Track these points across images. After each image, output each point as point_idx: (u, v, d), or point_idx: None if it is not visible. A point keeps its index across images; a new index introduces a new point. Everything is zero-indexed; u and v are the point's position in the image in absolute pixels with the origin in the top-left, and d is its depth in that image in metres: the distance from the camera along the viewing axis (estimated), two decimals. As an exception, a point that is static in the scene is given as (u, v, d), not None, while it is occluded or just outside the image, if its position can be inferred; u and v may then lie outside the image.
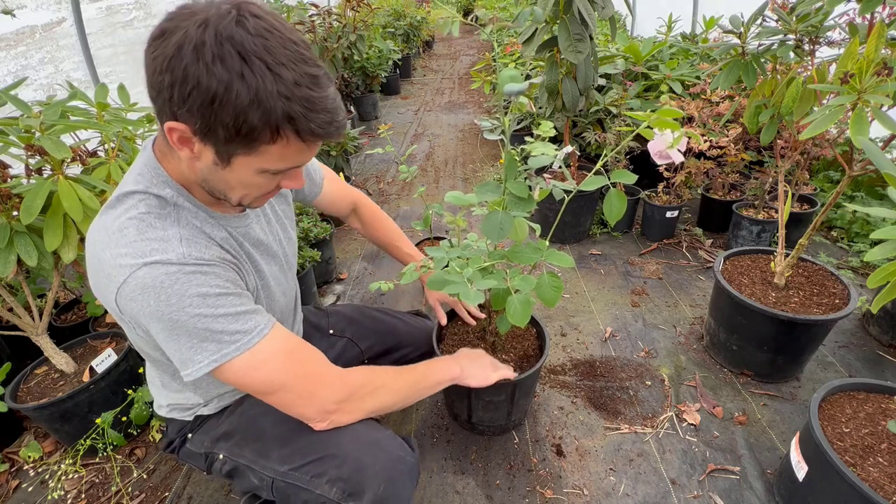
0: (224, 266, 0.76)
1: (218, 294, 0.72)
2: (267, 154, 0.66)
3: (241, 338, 0.74)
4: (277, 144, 0.65)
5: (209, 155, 0.67)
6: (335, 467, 0.85)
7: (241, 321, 0.74)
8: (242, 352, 0.74)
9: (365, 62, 4.41)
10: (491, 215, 0.97)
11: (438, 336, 1.39)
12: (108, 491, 1.32)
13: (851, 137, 0.90)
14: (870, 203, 2.33)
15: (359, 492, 0.84)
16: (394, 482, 0.86)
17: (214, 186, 0.74)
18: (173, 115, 0.62)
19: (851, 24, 1.21)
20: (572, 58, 1.84)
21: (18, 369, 1.44)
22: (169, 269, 0.68)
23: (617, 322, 1.87)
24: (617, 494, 1.25)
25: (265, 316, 0.79)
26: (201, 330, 0.71)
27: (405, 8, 6.64)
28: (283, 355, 0.78)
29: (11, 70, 1.92)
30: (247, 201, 0.78)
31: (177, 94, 0.60)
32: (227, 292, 0.73)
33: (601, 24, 3.74)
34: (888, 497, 0.94)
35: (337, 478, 0.85)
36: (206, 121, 0.61)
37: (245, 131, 0.62)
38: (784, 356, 1.49)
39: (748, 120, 1.44)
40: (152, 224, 0.71)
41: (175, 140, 0.65)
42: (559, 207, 1.13)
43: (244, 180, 0.71)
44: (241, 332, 0.74)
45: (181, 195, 0.77)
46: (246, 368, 0.75)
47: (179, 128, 0.63)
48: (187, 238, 0.73)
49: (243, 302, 0.76)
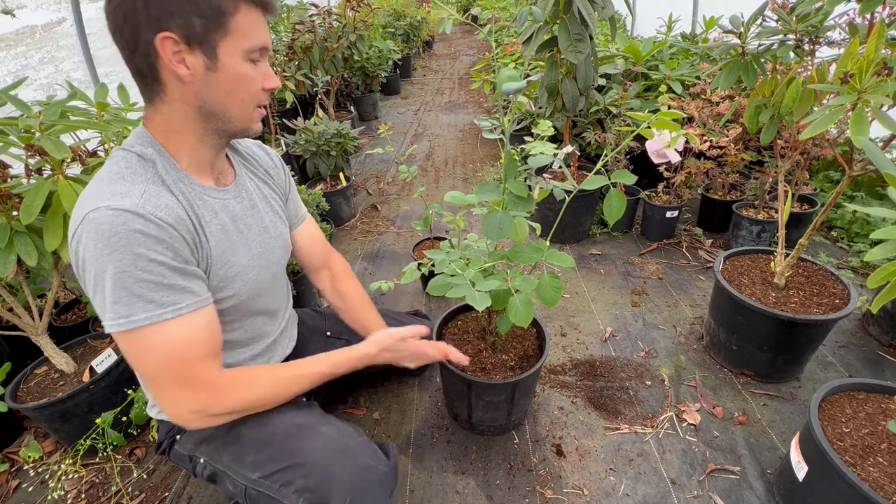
0: (175, 231, 0.76)
1: (150, 259, 0.72)
2: (237, 30, 0.74)
3: (153, 309, 0.73)
4: (239, 15, 0.74)
5: (200, 61, 0.73)
6: (302, 477, 0.85)
7: (162, 292, 0.73)
8: (149, 323, 0.73)
9: (365, 62, 4.41)
10: (491, 215, 0.97)
11: (438, 336, 1.39)
12: (108, 491, 1.32)
13: (851, 137, 0.90)
14: (870, 203, 2.33)
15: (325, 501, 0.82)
16: (362, 493, 0.84)
17: (213, 105, 0.78)
18: (158, 28, 0.69)
19: (851, 24, 1.21)
20: (572, 58, 1.84)
21: (18, 369, 1.44)
22: (118, 214, 0.70)
23: (617, 322, 1.87)
24: (617, 494, 1.25)
25: (192, 297, 0.78)
26: (121, 287, 0.71)
27: (405, 8, 6.64)
28: (175, 344, 0.77)
29: (11, 70, 1.92)
30: (248, 111, 0.82)
31: (156, 3, 0.68)
32: (162, 261, 0.73)
33: (601, 24, 3.74)
34: (888, 497, 0.94)
35: (304, 488, 0.84)
36: (184, 16, 0.69)
37: (215, 8, 0.71)
38: (784, 356, 1.49)
39: (748, 120, 1.44)
40: (123, 177, 0.75)
41: (168, 56, 0.71)
42: (559, 207, 1.13)
43: (236, 73, 0.77)
44: (155, 303, 0.73)
45: (161, 155, 0.80)
46: (140, 343, 0.75)
47: (168, 37, 0.70)
48: (151, 194, 0.74)
49: (175, 277, 0.75)
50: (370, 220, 2.81)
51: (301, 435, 0.90)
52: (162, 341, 0.75)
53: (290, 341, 1.17)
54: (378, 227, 2.74)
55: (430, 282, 1.09)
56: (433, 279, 1.09)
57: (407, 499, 1.26)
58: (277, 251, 1.03)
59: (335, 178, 2.76)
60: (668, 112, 0.85)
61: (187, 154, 0.83)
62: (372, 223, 2.78)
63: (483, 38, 0.96)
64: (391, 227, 2.72)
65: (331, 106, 3.70)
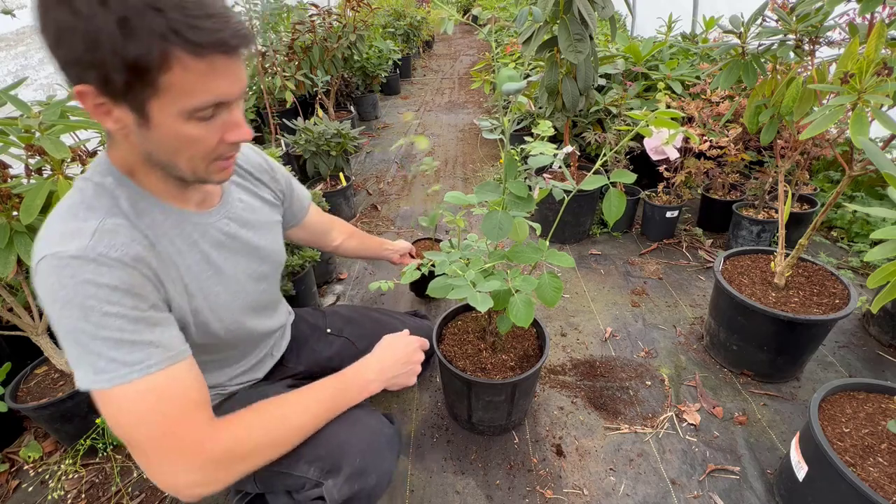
0: (136, 271, 0.67)
1: (104, 314, 0.63)
2: (172, 88, 0.59)
3: (116, 369, 0.64)
4: (175, 70, 0.57)
5: (129, 116, 0.62)
6: (312, 447, 0.83)
7: (124, 350, 0.64)
8: (112, 385, 0.64)
9: (365, 62, 4.41)
10: (491, 215, 0.97)
11: (438, 336, 1.39)
12: (108, 491, 1.32)
13: (851, 137, 0.90)
14: (870, 203, 2.33)
15: (336, 468, 0.84)
16: (372, 453, 0.86)
17: (159, 158, 0.68)
18: (76, 79, 0.59)
19: (851, 24, 1.21)
20: (572, 58, 1.84)
21: (18, 369, 1.44)
22: (64, 264, 0.62)
23: (617, 322, 1.87)
24: (617, 494, 1.25)
25: (162, 352, 0.68)
26: (77, 345, 0.64)
27: (405, 8, 6.64)
28: (151, 404, 0.66)
29: (11, 70, 1.92)
30: (201, 168, 0.70)
31: (63, 51, 0.57)
32: (119, 313, 0.64)
33: (601, 24, 3.74)
34: (888, 497, 0.94)
35: (315, 457, 0.84)
36: (96, 68, 0.56)
37: (133, 65, 0.56)
38: (784, 356, 1.49)
39: (748, 120, 1.44)
40: (76, 213, 0.67)
41: (91, 108, 0.61)
42: (559, 207, 1.13)
43: (176, 133, 0.63)
44: (118, 363, 0.64)
45: (123, 184, 0.71)
46: (112, 406, 0.65)
47: (84, 90, 0.58)
48: (107, 230, 0.66)
49: (139, 331, 0.66)
50: (370, 220, 2.81)
51: None
52: (133, 403, 0.65)
53: (284, 342, 1.18)
54: (378, 227, 2.74)
55: (429, 283, 1.09)
56: (433, 280, 1.09)
57: (407, 499, 1.26)
58: (268, 266, 0.97)
59: (335, 178, 2.76)
60: (666, 111, 0.85)
61: (157, 182, 0.74)
62: (372, 223, 2.78)
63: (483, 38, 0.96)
64: (391, 227, 2.72)
65: (331, 106, 3.70)
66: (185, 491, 0.68)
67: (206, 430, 0.71)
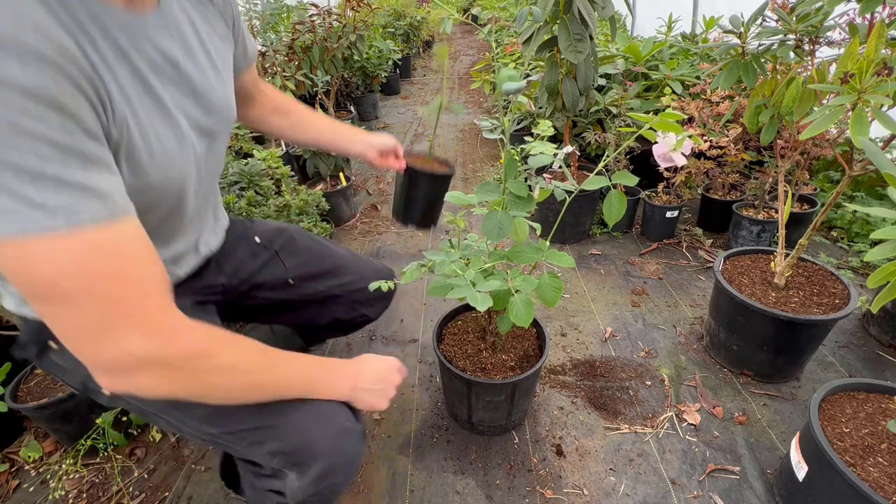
0: (61, 75, 0.46)
1: (19, 130, 0.44)
2: None
3: (30, 210, 0.46)
4: None
5: None
6: (277, 439, 0.75)
7: (44, 187, 0.46)
8: (25, 232, 0.46)
9: (365, 62, 4.41)
10: (491, 215, 0.97)
11: (438, 336, 1.39)
12: (108, 491, 1.32)
13: (851, 137, 0.90)
14: (870, 203, 2.33)
15: (304, 463, 0.76)
16: (342, 454, 0.78)
17: None
18: None
19: (851, 24, 1.21)
20: (572, 58, 1.84)
21: (18, 369, 1.44)
22: None
23: (617, 322, 1.87)
24: (617, 494, 1.25)
25: (103, 204, 0.50)
26: None
27: (405, 8, 6.64)
28: (99, 264, 0.50)
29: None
30: None
31: None
32: (40, 133, 0.45)
33: (601, 24, 3.73)
34: (888, 497, 0.94)
35: (279, 451, 0.76)
36: None
37: None
38: (784, 356, 1.49)
39: (748, 120, 1.44)
40: None
41: None
42: (559, 208, 1.13)
43: None
44: (34, 204, 0.46)
45: None
46: (28, 252, 0.47)
47: None
48: (14, 9, 0.44)
49: (65, 161, 0.47)
50: (370, 220, 2.81)
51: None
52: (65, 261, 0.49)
53: (215, 240, 0.96)
54: (378, 227, 2.74)
55: (429, 283, 1.09)
56: (433, 280, 1.09)
57: (407, 499, 1.26)
58: (215, 121, 0.75)
59: (335, 178, 2.76)
60: (670, 113, 0.85)
61: None
62: (372, 223, 2.78)
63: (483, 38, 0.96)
64: (391, 227, 2.72)
65: (331, 106, 3.70)
66: (141, 376, 0.56)
67: (182, 321, 0.59)
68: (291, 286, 1.10)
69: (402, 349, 1.79)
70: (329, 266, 1.12)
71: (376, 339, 1.84)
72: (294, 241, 1.12)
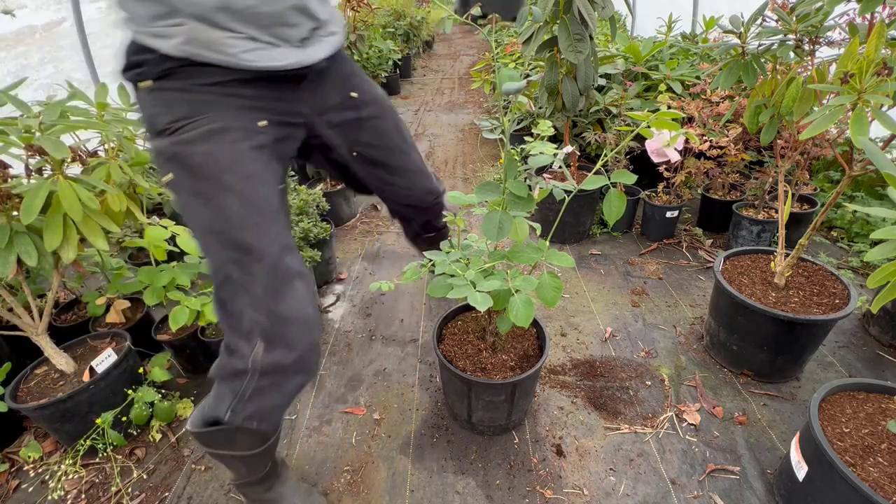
0: None
1: None
2: None
3: None
4: None
5: None
6: (258, 312, 0.83)
7: None
8: None
9: (365, 62, 4.41)
10: (491, 215, 0.97)
11: (438, 336, 1.39)
12: (108, 491, 1.32)
13: (851, 137, 0.90)
14: (870, 203, 2.33)
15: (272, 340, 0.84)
16: (312, 350, 0.88)
17: None
18: None
19: (851, 24, 1.21)
20: (572, 58, 1.84)
21: (18, 369, 1.44)
22: None
23: (617, 322, 1.87)
24: (617, 494, 1.25)
25: None
26: None
27: (405, 8, 6.64)
28: None
29: (11, 70, 1.92)
30: None
31: None
32: None
33: (601, 24, 3.73)
34: (888, 497, 0.94)
35: (256, 322, 0.84)
36: None
37: None
38: (784, 356, 1.49)
39: (748, 120, 1.44)
40: None
41: None
42: (559, 207, 1.13)
43: None
44: None
45: None
46: None
47: None
48: None
49: None
50: (370, 220, 2.81)
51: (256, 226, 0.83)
52: None
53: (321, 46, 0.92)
54: (378, 227, 2.74)
55: (429, 283, 1.09)
56: (433, 280, 1.09)
57: (407, 499, 1.26)
58: None
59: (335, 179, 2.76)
60: (667, 112, 0.85)
61: None
62: (372, 223, 2.78)
63: (483, 38, 0.96)
64: (391, 227, 2.72)
65: (331, 106, 3.70)
66: None
67: None
68: (354, 157, 1.10)
69: (402, 349, 1.79)
70: (392, 163, 1.13)
71: (376, 339, 1.84)
72: (380, 120, 1.10)
